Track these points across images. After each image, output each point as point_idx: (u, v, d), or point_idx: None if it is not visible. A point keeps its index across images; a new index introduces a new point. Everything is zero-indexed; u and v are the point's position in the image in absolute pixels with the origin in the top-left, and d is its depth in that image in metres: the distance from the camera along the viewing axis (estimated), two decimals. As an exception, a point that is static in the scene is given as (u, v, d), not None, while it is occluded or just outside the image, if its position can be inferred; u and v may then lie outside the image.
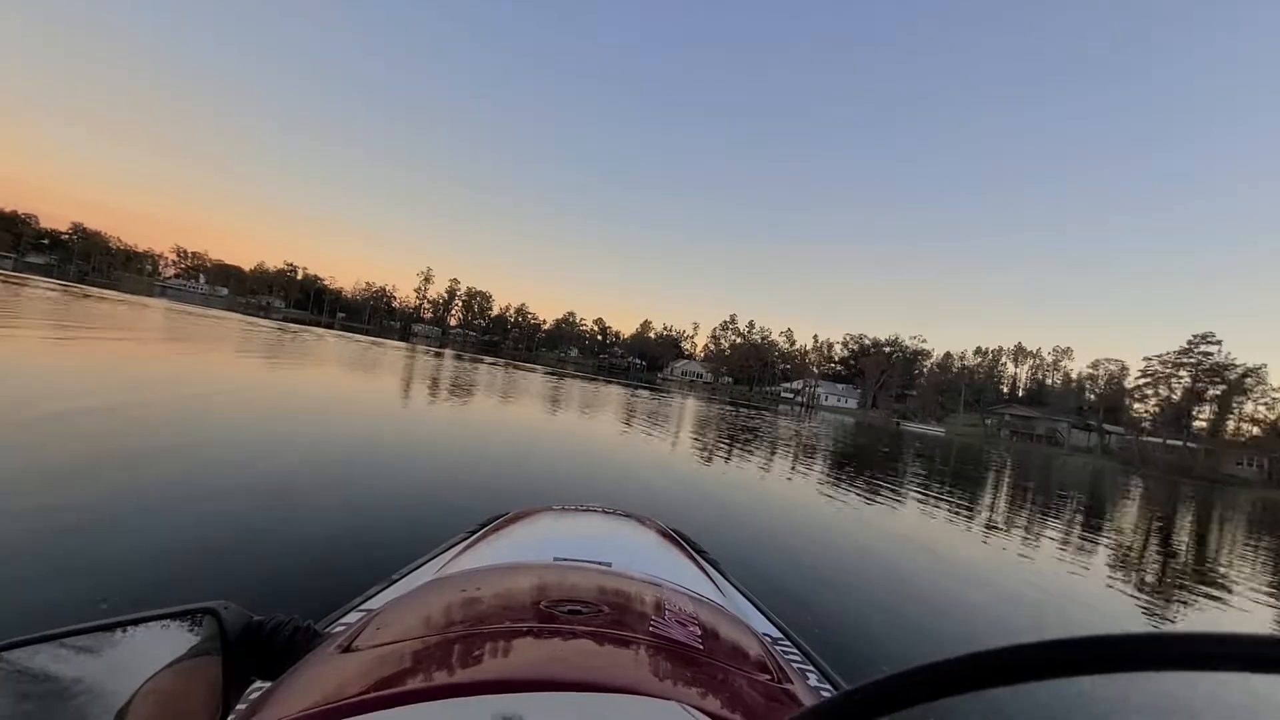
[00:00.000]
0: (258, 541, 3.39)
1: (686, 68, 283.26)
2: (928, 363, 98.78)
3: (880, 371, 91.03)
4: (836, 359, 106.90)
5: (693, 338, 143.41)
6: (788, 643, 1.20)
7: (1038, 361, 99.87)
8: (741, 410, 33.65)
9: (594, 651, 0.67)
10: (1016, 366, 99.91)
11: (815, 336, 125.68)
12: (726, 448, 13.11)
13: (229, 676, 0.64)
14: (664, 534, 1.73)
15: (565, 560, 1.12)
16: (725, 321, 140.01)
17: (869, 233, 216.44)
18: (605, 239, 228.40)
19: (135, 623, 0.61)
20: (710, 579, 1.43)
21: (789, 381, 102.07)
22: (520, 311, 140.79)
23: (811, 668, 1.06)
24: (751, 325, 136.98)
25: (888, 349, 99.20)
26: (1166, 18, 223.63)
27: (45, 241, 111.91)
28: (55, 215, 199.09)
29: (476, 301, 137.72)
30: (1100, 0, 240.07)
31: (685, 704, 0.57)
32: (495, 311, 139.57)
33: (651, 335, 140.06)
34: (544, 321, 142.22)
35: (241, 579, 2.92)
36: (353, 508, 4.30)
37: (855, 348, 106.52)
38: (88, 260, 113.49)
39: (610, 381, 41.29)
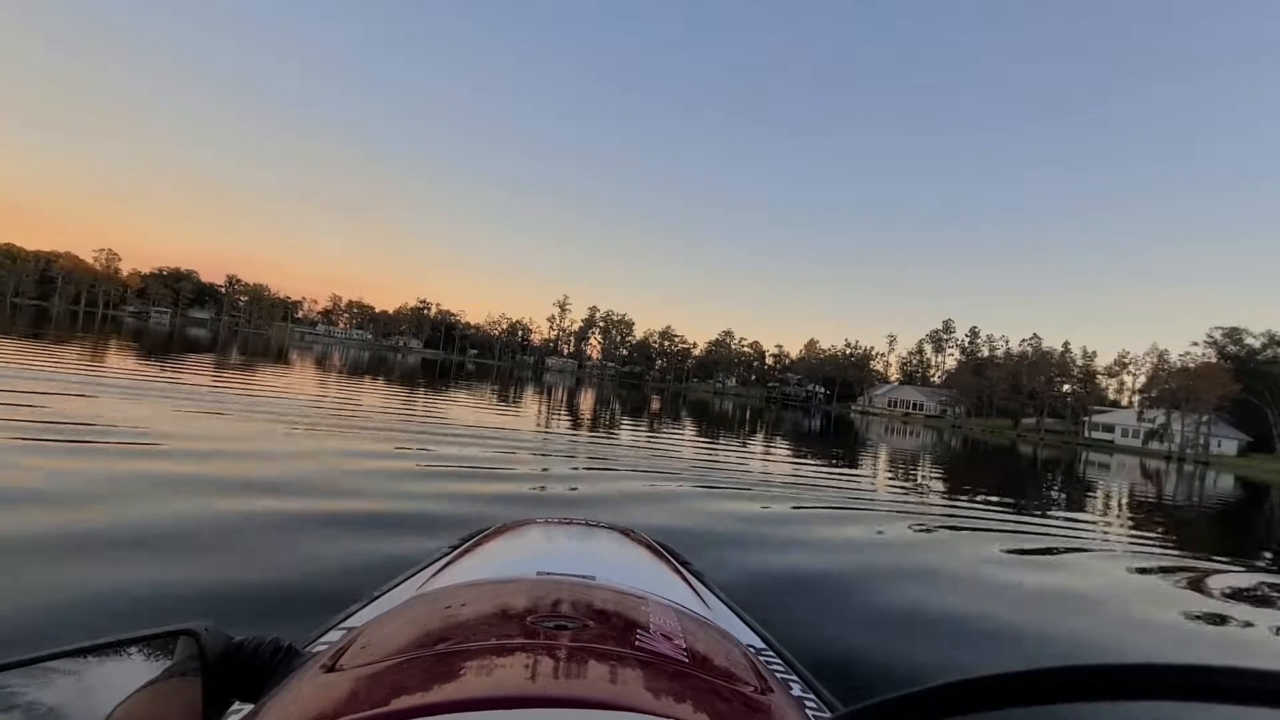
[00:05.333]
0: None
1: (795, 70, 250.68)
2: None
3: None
4: (1192, 368, 55.91)
5: (884, 356, 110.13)
6: (771, 653, 1.19)
7: None
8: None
9: (581, 667, 0.66)
10: None
11: (1066, 343, 77.32)
12: None
13: (209, 698, 0.62)
14: (648, 546, 1.70)
15: (548, 574, 1.10)
16: (934, 331, 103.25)
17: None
18: (744, 251, 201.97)
19: (112, 645, 0.59)
20: (694, 590, 1.44)
21: (1089, 415, 64.40)
22: (665, 335, 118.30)
23: (795, 677, 1.06)
24: (975, 334, 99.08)
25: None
26: None
27: (205, 298, 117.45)
28: (212, 268, 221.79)
29: (616, 329, 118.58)
30: None
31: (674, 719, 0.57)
32: (637, 338, 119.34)
33: (822, 355, 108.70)
34: (694, 346, 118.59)
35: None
36: None
37: (1239, 352, 58.91)
38: (238, 312, 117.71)
39: (783, 422, 28.29)
